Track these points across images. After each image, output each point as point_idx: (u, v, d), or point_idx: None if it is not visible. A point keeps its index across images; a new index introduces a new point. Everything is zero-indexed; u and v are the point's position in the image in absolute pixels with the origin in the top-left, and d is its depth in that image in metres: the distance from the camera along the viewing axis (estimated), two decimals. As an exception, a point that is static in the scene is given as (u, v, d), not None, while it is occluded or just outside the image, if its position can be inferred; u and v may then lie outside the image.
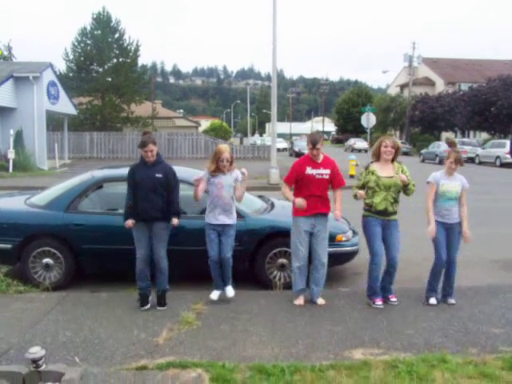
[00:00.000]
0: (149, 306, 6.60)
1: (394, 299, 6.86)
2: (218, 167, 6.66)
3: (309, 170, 6.72)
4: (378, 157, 6.87)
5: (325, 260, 6.85)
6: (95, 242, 7.54)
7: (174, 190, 6.65)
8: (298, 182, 6.78)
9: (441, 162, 32.30)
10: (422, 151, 44.59)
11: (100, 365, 4.97)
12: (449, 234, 6.84)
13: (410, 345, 5.55)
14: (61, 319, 6.19)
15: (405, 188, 6.73)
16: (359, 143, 59.92)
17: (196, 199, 6.84)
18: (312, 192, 6.68)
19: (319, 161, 6.78)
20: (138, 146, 6.64)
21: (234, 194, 6.81)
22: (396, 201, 6.78)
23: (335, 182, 6.84)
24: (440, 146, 38.68)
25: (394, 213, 6.77)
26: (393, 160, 6.85)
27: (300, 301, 6.82)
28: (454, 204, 6.81)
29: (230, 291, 6.84)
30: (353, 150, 57.46)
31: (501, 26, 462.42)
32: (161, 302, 6.66)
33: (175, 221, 6.61)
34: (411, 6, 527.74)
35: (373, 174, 6.75)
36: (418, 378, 4.71)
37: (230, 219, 6.77)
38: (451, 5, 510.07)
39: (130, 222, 6.53)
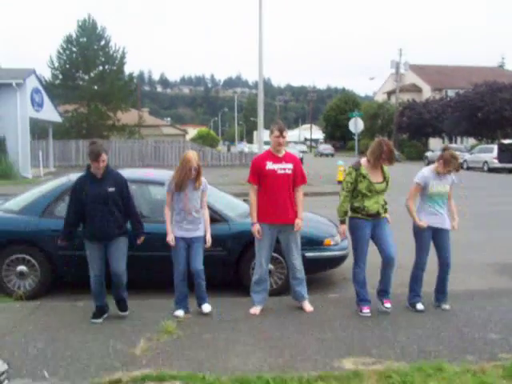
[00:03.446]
0: (101, 320, 6.17)
1: (387, 305, 6.46)
2: (186, 176, 6.22)
3: (269, 165, 6.31)
4: (374, 160, 6.32)
5: (297, 262, 6.48)
6: (72, 248, 7.14)
7: (129, 201, 6.22)
8: (261, 180, 6.35)
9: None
10: (427, 154, 44.57)
11: (71, 379, 4.61)
12: (438, 238, 6.52)
13: (403, 353, 5.22)
14: (32, 330, 5.82)
15: None
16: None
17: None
18: (276, 190, 6.28)
19: (280, 155, 6.41)
20: (89, 158, 5.96)
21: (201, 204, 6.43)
22: (386, 202, 6.49)
23: (298, 178, 6.43)
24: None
25: (384, 212, 6.45)
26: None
27: (255, 310, 6.46)
28: (444, 205, 6.52)
29: (206, 308, 6.40)
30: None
31: (486, 34, 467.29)
32: (121, 307, 6.29)
33: (141, 239, 6.24)
34: (397, 14, 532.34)
35: (364, 178, 6.30)
36: (414, 389, 4.39)
37: (199, 231, 6.36)
38: (438, 13, 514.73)
39: (63, 244, 6.24)
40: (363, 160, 6.47)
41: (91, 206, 6.01)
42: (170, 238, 6.31)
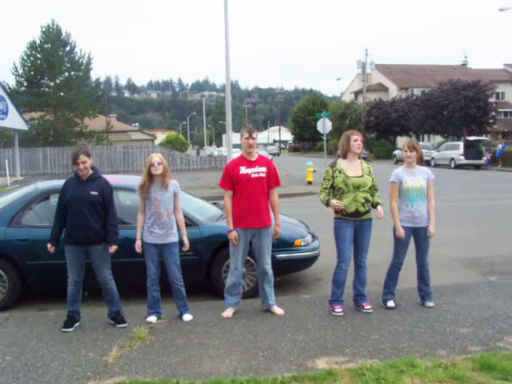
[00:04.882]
0: (73, 329, 6.07)
1: (368, 307, 6.47)
2: (152, 176, 6.17)
3: (243, 170, 6.29)
4: (345, 153, 6.43)
5: (268, 267, 6.46)
6: (41, 258, 7.04)
7: (110, 208, 6.13)
8: (235, 185, 6.33)
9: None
10: (395, 152, 44.89)
11: (42, 390, 4.53)
12: (417, 237, 6.56)
13: (377, 350, 5.26)
14: (1, 342, 5.70)
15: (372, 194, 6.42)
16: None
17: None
18: (250, 194, 6.26)
19: (253, 159, 6.40)
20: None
21: (173, 209, 6.35)
22: (368, 200, 6.33)
23: (272, 181, 6.43)
24: None
25: (367, 212, 6.36)
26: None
27: (228, 313, 6.45)
28: (422, 202, 6.46)
29: (187, 318, 6.33)
30: None
31: (448, 34, 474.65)
32: (118, 319, 6.18)
33: (113, 248, 6.09)
34: (363, 15, 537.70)
35: (340, 172, 6.31)
36: (387, 386, 4.42)
37: (171, 237, 6.29)
38: (402, 14, 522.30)
39: (50, 248, 6.07)
40: (340, 159, 6.53)
41: (73, 207, 5.95)
42: (137, 244, 6.27)
